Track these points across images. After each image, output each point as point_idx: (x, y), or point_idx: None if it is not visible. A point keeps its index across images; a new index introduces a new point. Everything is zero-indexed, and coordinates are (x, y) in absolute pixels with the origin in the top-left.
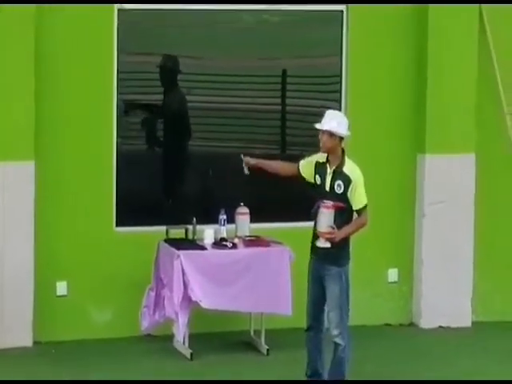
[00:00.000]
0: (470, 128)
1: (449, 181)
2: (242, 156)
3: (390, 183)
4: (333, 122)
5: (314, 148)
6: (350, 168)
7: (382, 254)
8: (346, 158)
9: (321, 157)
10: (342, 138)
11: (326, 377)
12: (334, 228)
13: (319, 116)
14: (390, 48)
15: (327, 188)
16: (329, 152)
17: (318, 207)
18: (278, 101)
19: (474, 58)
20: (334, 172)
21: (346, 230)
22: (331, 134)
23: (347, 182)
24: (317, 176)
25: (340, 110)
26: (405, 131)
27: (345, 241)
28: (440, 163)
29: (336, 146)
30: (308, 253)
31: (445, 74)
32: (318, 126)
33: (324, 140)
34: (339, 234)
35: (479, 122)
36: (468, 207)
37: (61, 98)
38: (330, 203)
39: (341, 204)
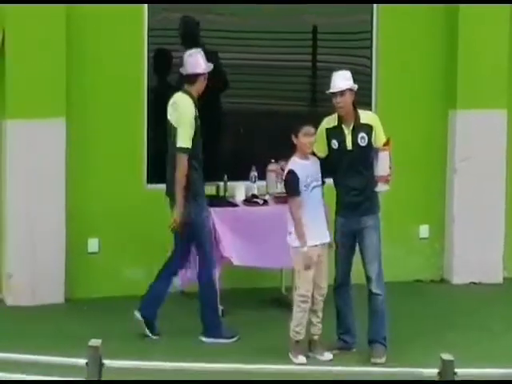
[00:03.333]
0: (502, 84)
1: (480, 137)
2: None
3: (421, 139)
4: (346, 80)
5: None
6: (366, 117)
7: (413, 211)
8: (358, 110)
9: (328, 122)
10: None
11: (356, 335)
12: (391, 168)
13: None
14: (423, 4)
15: (349, 147)
16: (346, 111)
17: (376, 153)
18: (309, 57)
19: (506, 13)
20: (353, 128)
21: (392, 170)
22: (349, 91)
23: (369, 130)
24: (333, 141)
25: (371, 67)
26: (436, 87)
27: (373, 189)
28: (471, 119)
29: (351, 103)
30: None
31: (477, 29)
32: (334, 89)
33: (345, 100)
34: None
35: (511, 77)
36: (499, 163)
37: (91, 55)
38: (384, 147)
39: (390, 141)
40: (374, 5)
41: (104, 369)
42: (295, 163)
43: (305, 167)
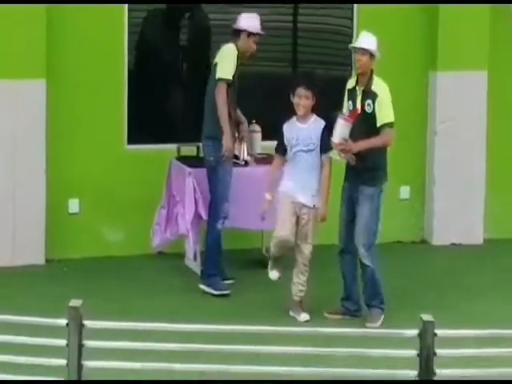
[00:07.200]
0: (483, 45)
1: (461, 99)
2: None
3: (402, 101)
4: (372, 42)
5: (325, 66)
6: (378, 85)
7: (394, 172)
8: (375, 77)
9: (350, 83)
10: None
11: (359, 303)
12: (346, 141)
13: (330, 33)
14: None
15: (359, 110)
16: (363, 73)
17: (335, 118)
18: (290, 18)
19: None
20: (362, 92)
21: (361, 144)
22: (371, 55)
23: (374, 98)
24: (349, 102)
25: (352, 27)
26: (417, 48)
27: (376, 160)
28: (452, 81)
29: (370, 66)
30: None
31: None
32: (357, 45)
33: (364, 61)
34: (353, 147)
35: (492, 38)
36: (480, 125)
37: (72, 16)
38: (346, 116)
39: (357, 112)
40: None
41: (85, 329)
42: (289, 123)
43: (295, 129)
